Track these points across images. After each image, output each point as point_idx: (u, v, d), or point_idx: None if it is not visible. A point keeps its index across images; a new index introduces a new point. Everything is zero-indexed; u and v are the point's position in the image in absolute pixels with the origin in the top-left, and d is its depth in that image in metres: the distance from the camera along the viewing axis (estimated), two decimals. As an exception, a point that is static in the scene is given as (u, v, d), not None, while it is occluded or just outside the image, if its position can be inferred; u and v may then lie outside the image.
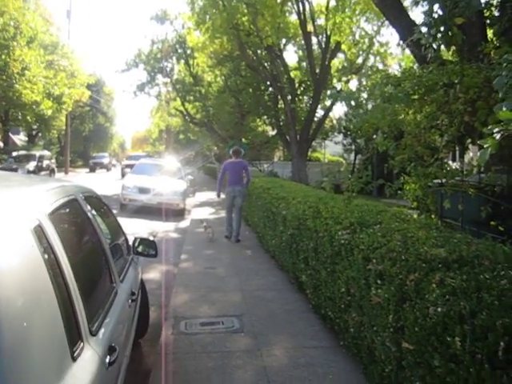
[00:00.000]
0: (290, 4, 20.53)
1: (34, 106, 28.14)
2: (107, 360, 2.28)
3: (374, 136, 5.18)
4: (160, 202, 15.32)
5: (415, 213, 7.05)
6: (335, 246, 4.60)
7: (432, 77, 4.13)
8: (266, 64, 23.64)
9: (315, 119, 23.29)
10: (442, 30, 4.22)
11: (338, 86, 23.08)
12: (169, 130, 53.19)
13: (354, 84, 24.88)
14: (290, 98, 22.52)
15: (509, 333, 2.16)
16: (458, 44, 5.06)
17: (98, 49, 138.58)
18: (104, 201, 4.31)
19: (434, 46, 4.42)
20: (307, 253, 5.84)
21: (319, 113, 24.37)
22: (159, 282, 7.40)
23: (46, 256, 1.91)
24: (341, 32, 20.05)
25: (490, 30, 5.74)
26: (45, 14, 35.70)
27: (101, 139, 63.41)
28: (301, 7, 19.80)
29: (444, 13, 4.77)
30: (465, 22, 4.35)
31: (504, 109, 2.57)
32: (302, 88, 27.30)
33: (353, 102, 6.63)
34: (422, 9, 4.69)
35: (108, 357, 2.31)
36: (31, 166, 26.90)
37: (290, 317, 5.71)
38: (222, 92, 30.83)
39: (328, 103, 22.88)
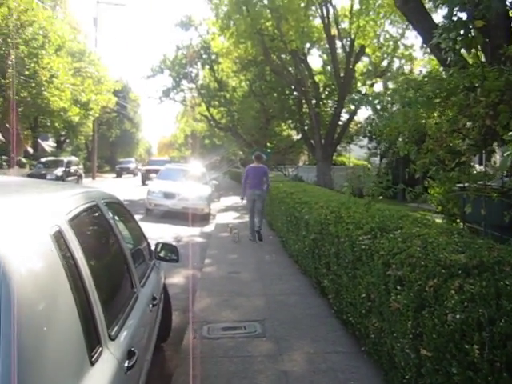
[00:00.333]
0: (313, 8, 20.52)
1: (62, 113, 28.58)
2: (126, 364, 2.30)
3: (399, 140, 5.14)
4: (185, 207, 15.41)
5: (439, 217, 6.98)
6: (356, 252, 4.58)
7: (453, 80, 4.09)
8: (290, 68, 23.67)
9: (340, 123, 23.21)
10: (462, 33, 4.18)
11: (363, 90, 22.97)
12: (194, 135, 53.50)
13: (379, 87, 24.72)
14: (314, 102, 22.50)
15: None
16: (480, 47, 5.01)
17: (124, 55, 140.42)
18: (127, 206, 4.37)
19: (455, 49, 4.38)
20: (329, 258, 5.83)
21: (344, 116, 24.28)
22: (183, 286, 7.46)
23: (66, 261, 1.94)
24: (365, 35, 19.96)
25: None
26: (72, 22, 36.39)
27: (127, 145, 64.10)
28: (325, 11, 19.80)
29: (468, 16, 4.73)
30: (486, 25, 4.31)
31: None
32: (326, 92, 27.27)
33: (378, 106, 6.58)
34: (442, 12, 4.63)
35: (127, 361, 2.33)
36: (59, 171, 27.24)
37: (313, 322, 5.70)
38: (246, 97, 30.97)
39: (353, 107, 22.77)
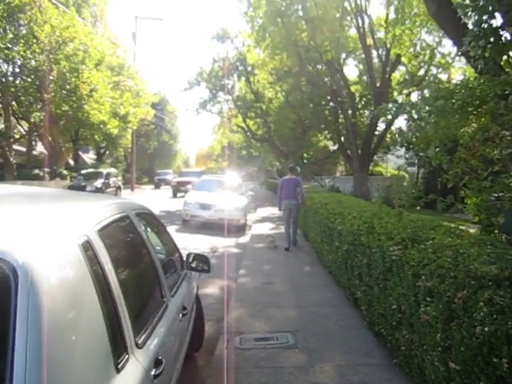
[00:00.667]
0: (348, 18, 20.46)
1: (102, 126, 29.30)
2: (153, 372, 2.33)
3: (430, 149, 5.08)
4: (221, 218, 15.50)
5: (476, 228, 6.84)
6: (387, 262, 4.54)
7: (484, 88, 4.04)
8: (326, 79, 23.63)
9: (376, 133, 23.02)
10: (492, 40, 4.12)
11: (400, 99, 22.72)
12: (231, 146, 53.94)
13: (416, 97, 24.41)
14: (350, 112, 22.40)
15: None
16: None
17: (162, 68, 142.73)
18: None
19: (485, 57, 4.31)
20: (361, 268, 5.79)
21: (380, 126, 24.08)
22: (217, 297, 7.51)
23: (94, 270, 1.99)
24: (401, 44, 19.75)
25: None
26: (112, 37, 37.25)
27: (165, 156, 65.00)
28: (360, 21, 19.70)
29: (504, 21, 4.65)
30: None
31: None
32: (362, 102, 27.12)
33: (415, 115, 6.51)
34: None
35: (154, 369, 2.36)
36: (99, 183, 27.73)
37: (345, 333, 5.65)
38: (282, 108, 31.07)
39: (389, 116, 22.52)
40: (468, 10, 4.32)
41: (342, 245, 7.02)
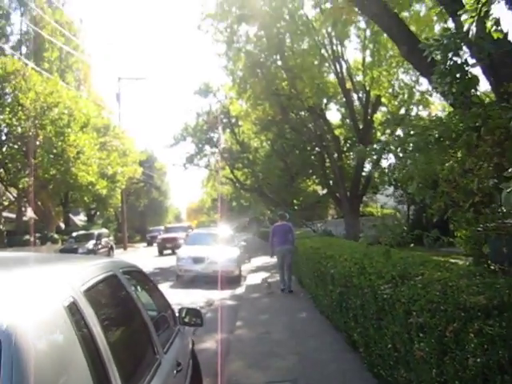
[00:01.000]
0: (326, 64, 20.98)
1: (90, 187, 29.43)
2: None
3: (412, 185, 5.15)
4: (215, 270, 15.36)
5: (469, 260, 6.85)
6: (379, 302, 4.54)
7: (457, 122, 4.15)
8: (309, 125, 23.99)
9: (363, 174, 23.24)
10: (459, 76, 4.28)
11: (383, 139, 23.03)
12: (221, 198, 54.07)
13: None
14: (336, 155, 22.65)
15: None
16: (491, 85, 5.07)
17: (148, 126, 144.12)
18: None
19: (453, 92, 4.45)
20: (355, 310, 5.77)
21: (367, 167, 24.32)
22: (215, 351, 7.39)
23: (81, 332, 1.98)
24: (379, 86, 20.23)
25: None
26: (96, 99, 37.88)
27: (156, 213, 64.91)
28: (338, 66, 20.22)
29: (472, 56, 4.81)
30: (490, 63, 4.39)
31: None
32: (347, 144, 27.46)
33: (400, 154, 6.62)
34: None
35: (148, 430, 2.34)
36: (90, 244, 27.64)
37: (345, 377, 5.58)
38: (269, 156, 31.43)
39: (375, 157, 22.76)
40: (433, 49, 4.48)
41: (336, 288, 6.99)
